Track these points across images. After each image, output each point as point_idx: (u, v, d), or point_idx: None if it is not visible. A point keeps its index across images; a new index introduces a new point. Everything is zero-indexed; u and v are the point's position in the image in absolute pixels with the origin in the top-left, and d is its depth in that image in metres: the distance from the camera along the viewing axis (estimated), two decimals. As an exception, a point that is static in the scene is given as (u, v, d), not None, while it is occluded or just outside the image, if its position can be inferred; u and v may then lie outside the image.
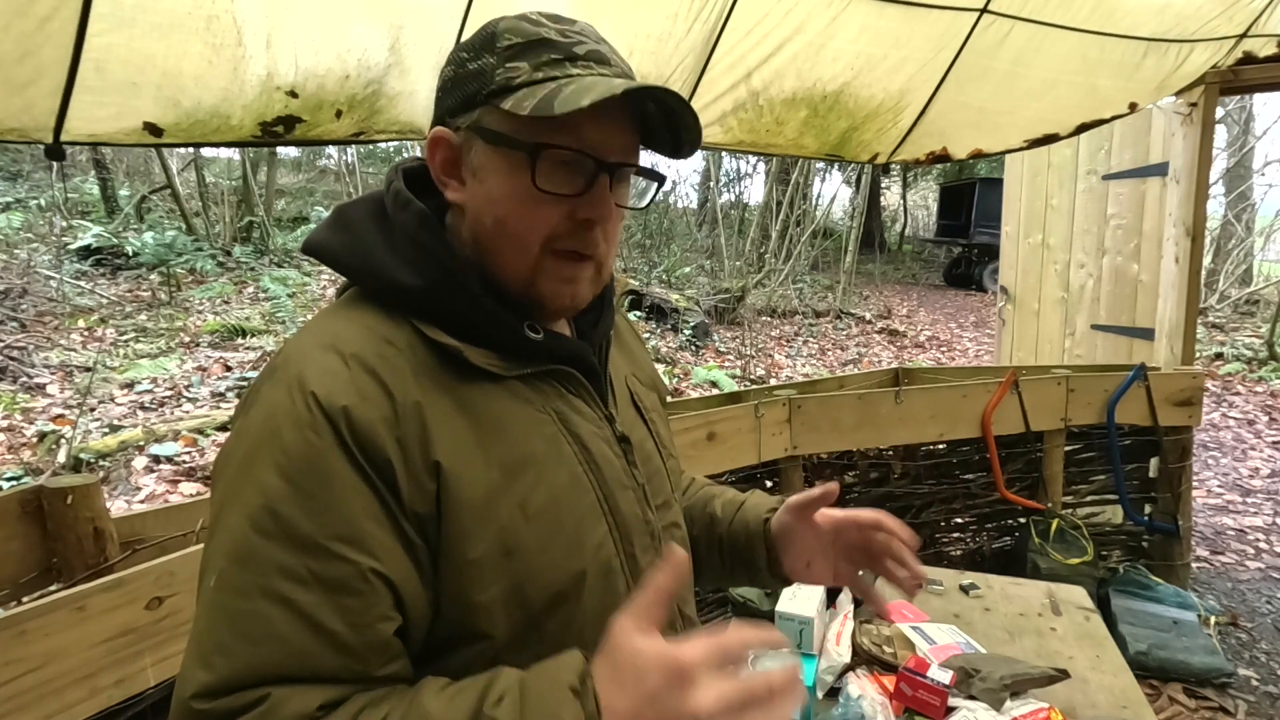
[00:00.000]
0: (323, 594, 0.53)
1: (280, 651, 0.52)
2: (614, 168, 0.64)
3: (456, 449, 0.59)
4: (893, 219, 21.09)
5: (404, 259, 0.64)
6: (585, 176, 0.63)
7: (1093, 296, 3.65)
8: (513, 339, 0.65)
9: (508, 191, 0.63)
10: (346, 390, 0.56)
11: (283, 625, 0.52)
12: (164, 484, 3.72)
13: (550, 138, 0.61)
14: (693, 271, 10.51)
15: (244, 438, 0.57)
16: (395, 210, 0.66)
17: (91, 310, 6.40)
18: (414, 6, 1.59)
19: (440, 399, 0.60)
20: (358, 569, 0.54)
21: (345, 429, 0.55)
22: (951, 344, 9.11)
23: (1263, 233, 11.50)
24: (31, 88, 1.29)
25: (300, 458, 0.54)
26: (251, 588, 0.53)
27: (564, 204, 0.63)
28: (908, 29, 2.09)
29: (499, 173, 0.63)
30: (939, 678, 1.18)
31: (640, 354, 0.90)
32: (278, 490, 0.54)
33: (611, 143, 0.64)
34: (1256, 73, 2.69)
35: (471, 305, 0.63)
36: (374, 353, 0.59)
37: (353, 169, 12.76)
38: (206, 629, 0.53)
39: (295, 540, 0.53)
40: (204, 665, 0.52)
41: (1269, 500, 4.04)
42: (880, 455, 2.62)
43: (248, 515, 0.54)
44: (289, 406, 0.56)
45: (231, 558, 0.54)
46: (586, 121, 0.61)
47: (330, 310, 0.66)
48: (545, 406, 0.66)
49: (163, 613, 1.16)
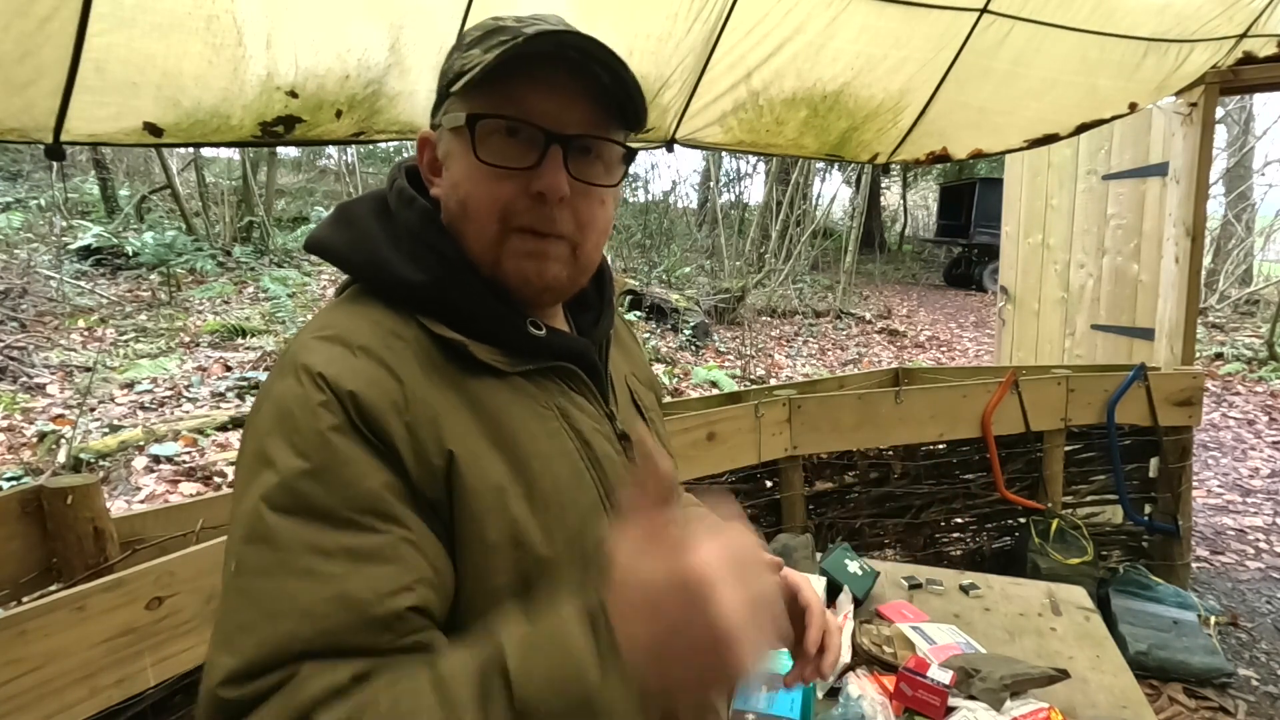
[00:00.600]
0: (349, 564, 0.52)
1: (307, 626, 0.50)
2: (567, 140, 0.62)
3: (466, 439, 0.59)
4: (893, 219, 21.09)
5: (407, 255, 0.64)
6: (535, 149, 0.62)
7: (1093, 296, 3.65)
8: (516, 335, 0.65)
9: (464, 171, 0.64)
10: (354, 376, 0.56)
11: (307, 598, 0.50)
12: (164, 484, 3.72)
13: (488, 109, 0.62)
14: (693, 271, 10.51)
15: (256, 431, 0.57)
16: (399, 207, 0.67)
17: (91, 310, 6.40)
18: (414, 6, 1.59)
19: (447, 392, 0.60)
20: (387, 538, 0.53)
21: (354, 412, 0.55)
22: (951, 344, 9.11)
23: (1263, 233, 11.50)
24: (31, 88, 1.29)
25: (314, 434, 0.54)
26: (273, 565, 0.51)
27: (517, 178, 0.62)
28: (908, 29, 2.09)
29: (457, 155, 0.65)
30: (939, 678, 1.18)
31: (638, 355, 0.90)
32: (294, 468, 0.53)
33: (565, 116, 0.62)
34: (1256, 73, 2.69)
35: (474, 301, 0.64)
36: (381, 344, 0.59)
37: (353, 169, 12.76)
38: (229, 613, 0.52)
39: (317, 514, 0.52)
40: (229, 649, 0.50)
41: (1269, 500, 4.04)
42: (880, 455, 2.62)
43: (265, 496, 0.53)
44: (298, 391, 0.55)
45: (250, 539, 0.52)
46: (530, 92, 0.61)
47: (334, 306, 0.65)
48: (548, 402, 0.66)
49: (163, 613, 1.16)
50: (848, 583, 1.56)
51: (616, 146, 0.67)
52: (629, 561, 0.48)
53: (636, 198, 13.80)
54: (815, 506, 2.55)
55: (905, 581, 1.70)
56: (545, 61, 0.61)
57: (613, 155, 0.67)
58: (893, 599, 1.59)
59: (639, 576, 0.48)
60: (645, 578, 0.47)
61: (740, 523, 0.52)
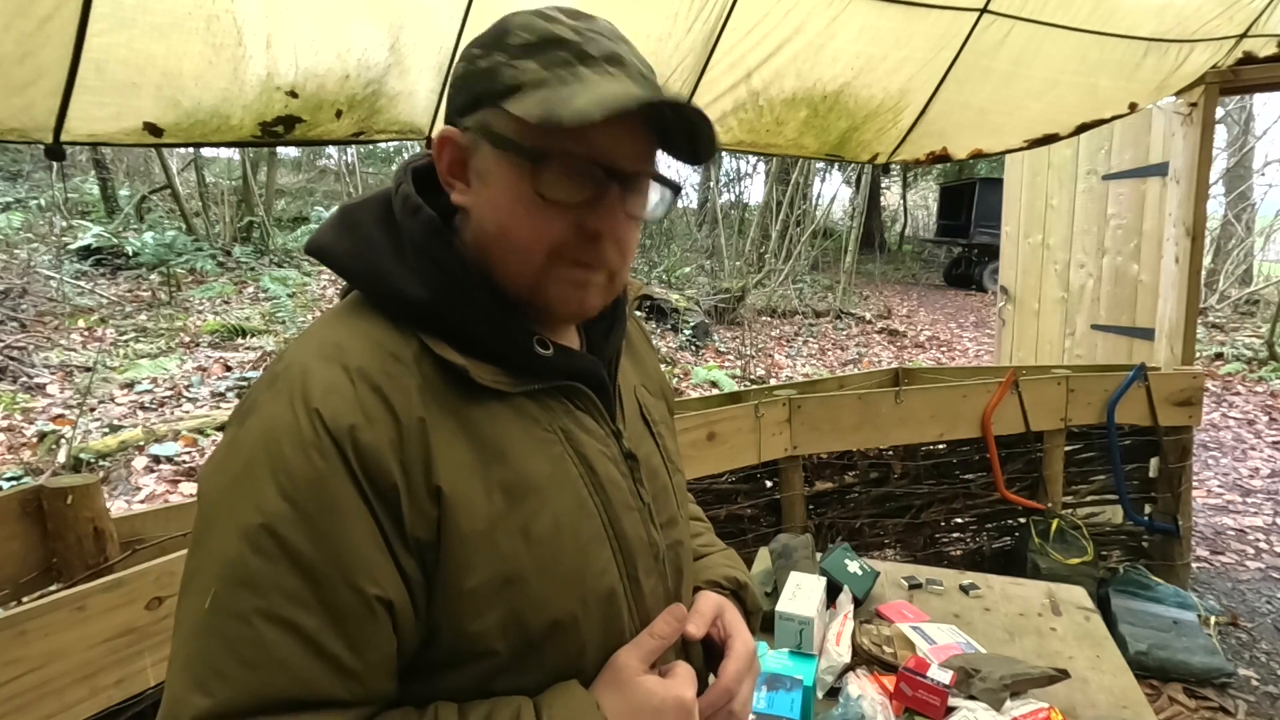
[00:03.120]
0: (326, 618, 0.52)
1: (283, 676, 0.50)
2: (625, 177, 0.60)
3: (459, 473, 0.57)
4: (893, 219, 21.09)
5: (410, 268, 0.61)
6: (594, 185, 0.60)
7: (1093, 296, 3.65)
8: (521, 355, 0.63)
9: (512, 198, 0.60)
10: (352, 409, 0.54)
11: (285, 650, 0.51)
12: (164, 484, 3.72)
13: (557, 144, 0.58)
14: (693, 271, 10.51)
15: (239, 451, 0.55)
16: (404, 216, 0.63)
17: (91, 310, 6.40)
18: (414, 6, 1.59)
19: (445, 420, 0.58)
20: (362, 596, 0.53)
21: (351, 453, 0.53)
22: (951, 344, 9.11)
23: (1263, 233, 11.50)
24: (31, 88, 1.29)
25: (304, 480, 0.52)
26: (250, 611, 0.51)
27: (570, 213, 0.60)
28: (908, 29, 2.09)
29: (503, 178, 0.60)
30: (939, 678, 1.18)
31: (650, 361, 0.87)
32: (279, 512, 0.52)
33: (623, 151, 0.60)
34: (1256, 73, 2.69)
35: (480, 319, 0.61)
36: (379, 369, 0.57)
37: (353, 169, 12.77)
38: (200, 653, 0.51)
39: (298, 565, 0.51)
40: (202, 691, 0.50)
41: (1269, 500, 4.04)
42: (880, 455, 2.62)
43: (244, 535, 0.51)
44: (291, 423, 0.53)
45: (227, 580, 0.51)
46: (597, 129, 0.56)
47: (333, 316, 0.63)
48: (552, 425, 0.64)
49: (163, 613, 1.16)
50: (848, 583, 1.56)
51: (672, 186, 0.65)
52: (633, 674, 0.61)
53: (636, 198, 13.76)
54: (815, 506, 2.55)
55: (905, 581, 1.70)
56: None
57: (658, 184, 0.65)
58: (893, 599, 1.59)
59: (645, 686, 0.60)
60: (650, 689, 0.60)
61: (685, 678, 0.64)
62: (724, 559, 0.88)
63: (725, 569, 0.85)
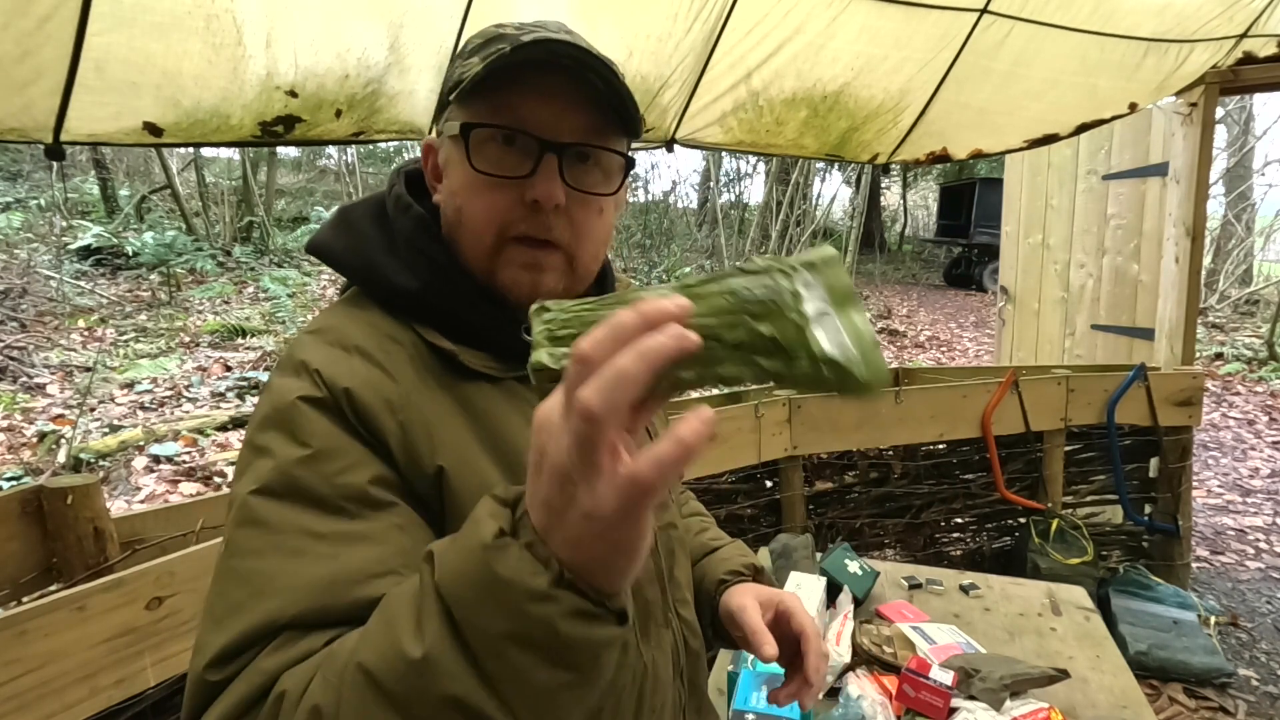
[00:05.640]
0: (339, 546, 0.52)
1: (294, 601, 0.50)
2: (562, 148, 0.62)
3: (458, 448, 0.60)
4: (893, 219, 21.08)
5: (402, 261, 0.65)
6: (532, 158, 0.62)
7: (1093, 296, 3.65)
8: (509, 340, 0.66)
9: (461, 180, 0.64)
10: (350, 374, 0.58)
11: (296, 576, 0.51)
12: (164, 484, 3.72)
13: (482, 117, 0.62)
14: (693, 271, 10.51)
15: (254, 424, 0.58)
16: (395, 214, 0.68)
17: (91, 310, 6.40)
18: (414, 6, 1.59)
19: (442, 397, 0.61)
20: (376, 524, 0.54)
21: (348, 408, 0.56)
22: (951, 344, 9.10)
23: (1263, 233, 11.50)
24: (31, 87, 1.29)
25: (310, 424, 0.55)
26: (265, 547, 0.52)
27: (512, 187, 0.63)
28: (908, 29, 2.09)
29: (454, 163, 0.65)
30: (942, 679, 1.18)
31: None
32: (289, 455, 0.54)
33: (560, 124, 0.62)
34: (1256, 73, 2.69)
35: (467, 307, 0.65)
36: (377, 347, 0.61)
37: (353, 169, 12.76)
38: (220, 594, 0.52)
39: (310, 499, 0.53)
40: (217, 627, 0.50)
41: (1269, 500, 4.04)
42: (880, 455, 2.62)
43: (259, 482, 0.54)
44: (295, 384, 0.57)
45: (242, 523, 0.53)
46: (525, 101, 0.61)
47: (334, 308, 0.67)
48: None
49: (163, 613, 1.16)
50: (848, 583, 1.56)
51: (617, 155, 0.66)
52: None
53: (636, 198, 13.80)
54: (815, 506, 2.55)
55: (905, 581, 1.70)
56: (540, 69, 0.61)
57: (612, 163, 0.66)
58: (893, 599, 1.59)
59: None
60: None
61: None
62: (737, 550, 0.93)
63: (742, 559, 0.89)
